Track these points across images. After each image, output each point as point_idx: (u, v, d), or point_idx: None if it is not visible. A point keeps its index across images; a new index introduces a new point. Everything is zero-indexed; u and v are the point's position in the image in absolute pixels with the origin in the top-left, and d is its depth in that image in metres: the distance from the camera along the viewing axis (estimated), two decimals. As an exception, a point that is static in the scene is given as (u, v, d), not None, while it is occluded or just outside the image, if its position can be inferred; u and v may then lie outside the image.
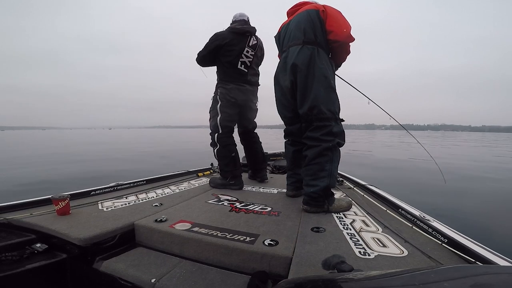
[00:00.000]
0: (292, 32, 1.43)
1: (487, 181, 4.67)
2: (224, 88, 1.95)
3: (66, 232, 1.02)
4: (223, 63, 1.93)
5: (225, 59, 1.91)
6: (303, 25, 1.39)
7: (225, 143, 1.96)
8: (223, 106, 1.94)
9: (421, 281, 0.36)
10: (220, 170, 2.01)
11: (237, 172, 1.96)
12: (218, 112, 1.94)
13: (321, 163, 1.35)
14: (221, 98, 1.95)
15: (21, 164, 6.43)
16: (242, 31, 1.93)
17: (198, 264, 0.97)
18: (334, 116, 1.38)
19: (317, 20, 1.37)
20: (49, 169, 5.71)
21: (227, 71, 1.95)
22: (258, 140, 2.27)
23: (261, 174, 2.20)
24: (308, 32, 1.37)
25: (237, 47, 1.91)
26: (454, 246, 0.88)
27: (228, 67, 1.93)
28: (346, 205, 1.38)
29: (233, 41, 1.89)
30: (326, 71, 1.36)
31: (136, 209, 1.33)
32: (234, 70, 1.94)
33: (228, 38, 1.88)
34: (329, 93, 1.37)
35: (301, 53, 1.36)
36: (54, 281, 1.00)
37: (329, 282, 0.45)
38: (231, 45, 1.89)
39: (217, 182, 1.96)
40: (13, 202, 1.28)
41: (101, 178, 4.52)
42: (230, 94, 1.94)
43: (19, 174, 5.02)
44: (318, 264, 0.80)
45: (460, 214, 2.87)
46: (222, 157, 1.97)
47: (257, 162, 2.24)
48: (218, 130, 1.94)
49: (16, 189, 3.86)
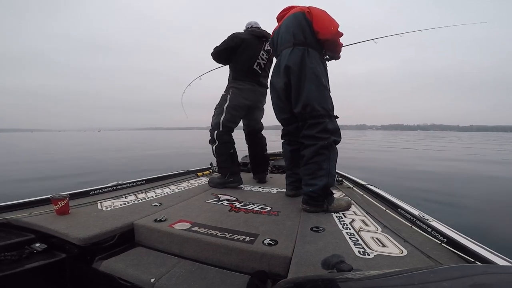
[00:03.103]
0: (283, 36, 1.49)
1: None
2: (237, 88, 1.97)
3: (66, 231, 1.02)
4: (239, 61, 1.97)
5: (242, 57, 1.96)
6: (292, 28, 1.45)
7: (224, 141, 1.97)
8: (230, 107, 1.95)
9: (420, 280, 0.36)
10: (219, 168, 2.01)
11: (235, 169, 1.97)
12: (223, 111, 1.95)
13: (319, 162, 1.36)
14: (231, 99, 1.96)
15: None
16: (260, 35, 2.02)
17: (197, 263, 0.97)
18: (327, 113, 1.40)
19: (304, 21, 1.43)
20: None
21: (242, 70, 1.98)
22: (263, 143, 2.30)
23: (259, 176, 2.22)
24: (297, 34, 1.43)
25: (255, 48, 1.98)
26: (454, 246, 0.88)
27: (243, 65, 1.97)
28: (346, 204, 1.38)
29: (251, 41, 1.96)
30: (316, 70, 1.39)
31: (136, 209, 1.33)
32: (249, 69, 1.99)
33: (247, 37, 1.95)
34: (321, 91, 1.40)
35: (292, 54, 1.41)
36: (53, 280, 0.99)
37: (328, 281, 0.45)
38: (249, 45, 1.96)
39: (216, 182, 1.97)
40: (12, 201, 1.28)
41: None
42: (243, 95, 1.97)
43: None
44: (318, 263, 0.80)
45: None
46: (220, 154, 1.98)
47: (257, 164, 2.27)
48: (219, 128, 1.95)
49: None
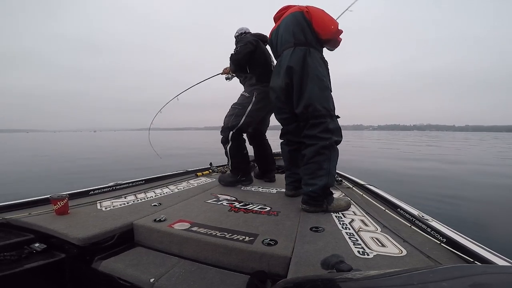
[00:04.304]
0: (283, 36, 1.48)
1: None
2: (264, 92, 1.88)
3: (65, 231, 1.02)
4: (260, 64, 1.95)
5: (261, 60, 1.95)
6: (291, 28, 1.44)
7: (238, 141, 1.97)
8: (253, 111, 1.93)
9: (419, 280, 0.35)
10: (232, 168, 2.00)
11: (248, 169, 2.02)
12: (245, 114, 1.91)
13: (319, 162, 1.36)
14: (256, 102, 1.92)
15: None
16: (264, 38, 1.99)
17: (197, 263, 0.97)
18: (329, 112, 1.40)
19: (303, 21, 1.42)
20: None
21: (265, 72, 1.94)
22: (268, 142, 2.32)
23: (270, 175, 2.24)
24: (298, 34, 1.42)
25: (265, 50, 1.99)
26: (453, 246, 0.88)
27: (265, 67, 1.96)
28: (345, 204, 1.38)
29: (260, 44, 1.96)
30: (318, 70, 1.39)
31: (135, 209, 1.33)
32: (271, 70, 1.95)
33: (256, 42, 1.94)
34: (323, 91, 1.40)
35: (294, 55, 1.41)
36: (53, 280, 0.99)
37: (328, 281, 0.45)
38: (261, 47, 1.96)
39: (228, 180, 1.99)
40: (12, 201, 1.28)
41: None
42: (268, 97, 1.95)
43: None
44: (317, 263, 0.80)
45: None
46: (234, 155, 1.97)
47: (267, 163, 2.28)
48: (234, 129, 1.92)
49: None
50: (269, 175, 2.24)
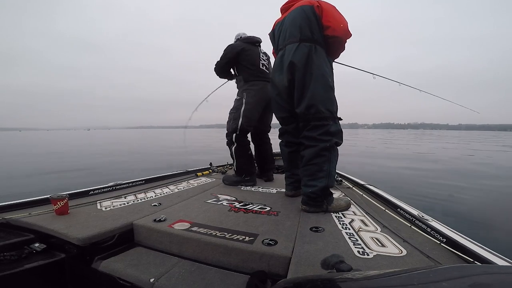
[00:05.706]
0: (288, 29, 1.40)
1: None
2: (251, 90, 2.02)
3: (65, 231, 1.02)
4: (246, 66, 2.04)
5: (247, 62, 2.03)
6: (299, 22, 1.35)
7: (242, 143, 2.05)
8: (247, 110, 2.00)
9: (419, 280, 0.35)
10: (237, 169, 2.06)
11: (252, 170, 2.08)
12: (240, 115, 2.00)
13: (319, 164, 1.34)
14: (247, 101, 2.01)
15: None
16: (253, 41, 2.11)
17: (197, 263, 0.97)
18: (332, 115, 1.36)
19: (313, 16, 1.33)
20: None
21: (252, 72, 2.04)
22: (269, 142, 2.36)
23: (269, 174, 2.28)
24: (304, 29, 1.34)
25: (254, 53, 2.06)
26: (453, 246, 0.88)
27: (251, 68, 2.04)
28: (345, 204, 1.38)
29: (249, 47, 2.04)
30: (324, 69, 1.34)
31: (135, 209, 1.33)
32: (258, 69, 2.05)
33: (243, 45, 2.03)
34: (327, 92, 1.35)
35: (298, 51, 1.33)
36: (52, 280, 0.99)
37: (328, 281, 0.44)
38: (248, 50, 2.03)
39: (232, 180, 2.03)
40: (12, 201, 1.28)
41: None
42: (258, 94, 2.02)
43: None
44: (317, 263, 0.80)
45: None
46: (239, 156, 2.05)
47: (266, 163, 2.33)
48: (237, 131, 2.01)
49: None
50: (267, 173, 2.28)
